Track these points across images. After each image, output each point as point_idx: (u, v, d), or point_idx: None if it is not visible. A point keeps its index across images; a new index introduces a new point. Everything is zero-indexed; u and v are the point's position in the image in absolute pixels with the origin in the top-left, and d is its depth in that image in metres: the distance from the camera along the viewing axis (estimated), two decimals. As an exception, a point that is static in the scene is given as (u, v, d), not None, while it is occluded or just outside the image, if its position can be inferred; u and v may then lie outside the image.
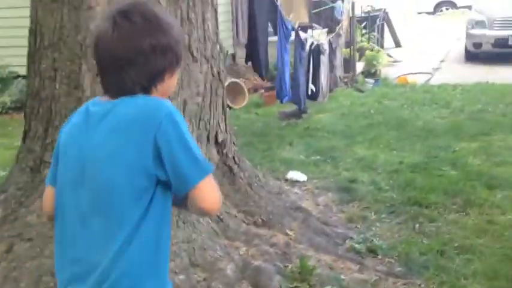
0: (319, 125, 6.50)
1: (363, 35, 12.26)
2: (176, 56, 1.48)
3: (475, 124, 6.22)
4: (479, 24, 10.56)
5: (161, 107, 1.39)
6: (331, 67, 7.99)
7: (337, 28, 8.93)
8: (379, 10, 13.39)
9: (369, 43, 11.17)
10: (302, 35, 6.56)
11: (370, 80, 9.10)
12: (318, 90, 7.01)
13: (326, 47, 7.44)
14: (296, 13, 9.72)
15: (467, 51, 10.97)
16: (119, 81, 1.42)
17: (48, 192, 1.58)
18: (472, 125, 6.17)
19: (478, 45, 10.58)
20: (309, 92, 6.82)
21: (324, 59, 7.38)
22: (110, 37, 1.41)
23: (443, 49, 12.76)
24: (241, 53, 8.69)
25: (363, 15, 13.17)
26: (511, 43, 10.17)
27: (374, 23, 12.58)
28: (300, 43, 6.24)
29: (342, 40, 10.04)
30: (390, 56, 12.02)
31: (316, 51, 6.90)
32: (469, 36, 10.77)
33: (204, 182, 1.37)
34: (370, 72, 9.55)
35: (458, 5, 20.61)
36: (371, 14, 12.90)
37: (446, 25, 17.04)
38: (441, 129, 6.13)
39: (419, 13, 21.53)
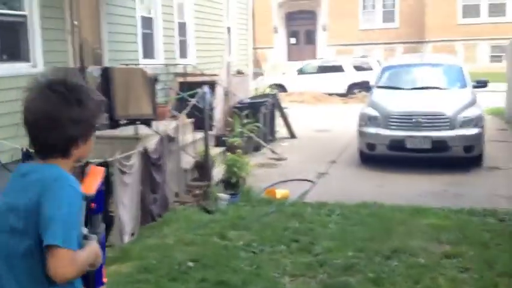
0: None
1: (244, 125, 10.17)
2: (90, 126, 1.79)
3: (329, 305, 3.92)
4: (372, 121, 8.60)
5: (59, 176, 1.70)
6: (154, 185, 5.62)
7: (175, 125, 6.66)
8: (266, 96, 11.36)
9: (240, 140, 9.01)
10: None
11: (224, 196, 6.78)
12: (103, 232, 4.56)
13: (133, 161, 5.09)
14: (136, 106, 7.47)
15: (361, 152, 8.95)
16: (42, 141, 1.74)
17: None
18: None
19: (371, 147, 8.59)
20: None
21: (128, 179, 5.01)
22: (37, 104, 1.71)
23: (341, 143, 10.85)
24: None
25: (248, 100, 11.15)
26: (409, 146, 8.23)
27: (259, 111, 10.51)
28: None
29: (195, 136, 7.82)
30: (274, 153, 9.90)
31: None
32: (361, 134, 8.77)
33: (58, 250, 1.58)
34: (230, 182, 7.28)
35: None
36: (255, 101, 10.85)
37: (354, 110, 15.38)
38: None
39: (330, 94, 20.00)
